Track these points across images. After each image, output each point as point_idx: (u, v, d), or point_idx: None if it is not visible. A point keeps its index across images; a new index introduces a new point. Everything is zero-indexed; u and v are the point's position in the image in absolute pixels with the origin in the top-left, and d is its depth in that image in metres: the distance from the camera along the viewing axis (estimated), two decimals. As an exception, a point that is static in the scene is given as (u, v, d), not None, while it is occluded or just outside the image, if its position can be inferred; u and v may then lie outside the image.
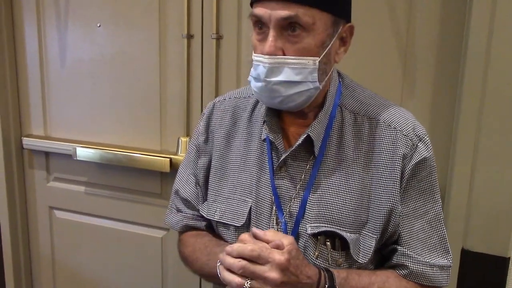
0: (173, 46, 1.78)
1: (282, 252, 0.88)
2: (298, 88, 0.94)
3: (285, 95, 0.95)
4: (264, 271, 0.86)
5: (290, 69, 0.93)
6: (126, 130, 1.93)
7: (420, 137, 1.02)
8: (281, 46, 0.92)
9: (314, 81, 0.95)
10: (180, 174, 1.22)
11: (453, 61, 1.44)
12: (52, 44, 1.98)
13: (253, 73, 0.97)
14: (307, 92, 0.95)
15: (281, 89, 0.94)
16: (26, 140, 2.07)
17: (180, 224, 1.20)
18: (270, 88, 0.94)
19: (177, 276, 1.96)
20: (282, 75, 0.93)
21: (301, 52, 0.92)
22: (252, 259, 0.87)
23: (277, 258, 0.87)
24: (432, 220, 1.03)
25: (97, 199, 2.03)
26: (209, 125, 1.17)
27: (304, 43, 0.92)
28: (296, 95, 0.95)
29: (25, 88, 2.06)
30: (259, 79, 0.95)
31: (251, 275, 0.87)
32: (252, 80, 0.98)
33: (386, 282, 1.01)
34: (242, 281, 0.87)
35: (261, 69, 0.93)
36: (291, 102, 0.96)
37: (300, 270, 0.90)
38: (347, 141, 1.03)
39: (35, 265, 2.24)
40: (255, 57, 0.96)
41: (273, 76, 0.93)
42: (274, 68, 0.92)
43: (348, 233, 0.99)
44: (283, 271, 0.87)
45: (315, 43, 0.93)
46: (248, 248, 0.88)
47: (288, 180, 1.03)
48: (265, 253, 0.87)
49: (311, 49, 0.93)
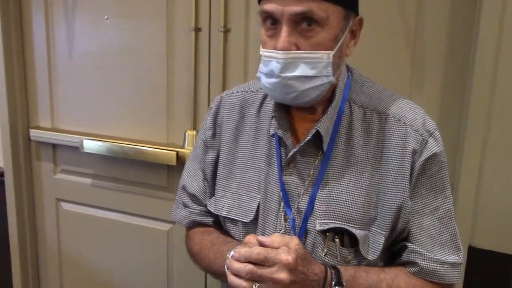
0: (181, 39, 1.77)
1: (288, 252, 0.87)
2: (313, 82, 0.93)
3: (300, 90, 0.93)
4: (272, 273, 0.86)
5: (305, 64, 0.91)
6: (133, 123, 1.93)
7: (431, 132, 1.00)
8: (294, 41, 0.91)
9: (328, 75, 0.94)
10: (187, 169, 1.21)
11: (463, 57, 1.43)
12: (60, 36, 1.98)
13: (263, 69, 0.95)
14: (321, 86, 0.94)
15: (296, 84, 0.93)
16: (33, 132, 2.07)
17: (187, 220, 1.19)
18: (284, 84, 0.93)
19: (182, 269, 1.97)
20: (297, 70, 0.91)
21: (315, 47, 0.91)
22: (259, 262, 0.87)
23: (284, 259, 0.86)
24: (442, 216, 1.02)
25: (103, 192, 2.04)
26: (217, 120, 1.16)
27: (319, 37, 0.91)
28: (310, 90, 0.94)
29: (32, 80, 2.07)
30: (272, 75, 0.93)
31: (259, 278, 0.87)
32: (262, 76, 0.97)
33: (395, 279, 0.99)
34: (250, 286, 0.87)
35: (274, 65, 0.92)
36: (306, 97, 0.95)
37: (307, 268, 0.90)
38: (356, 136, 1.01)
39: (41, 257, 2.25)
40: (266, 52, 0.94)
41: (288, 72, 0.92)
42: (289, 63, 0.91)
43: (357, 230, 0.98)
44: (291, 271, 0.86)
45: (329, 37, 0.92)
46: (255, 252, 0.87)
47: (296, 176, 1.03)
48: (271, 255, 0.87)
49: (325, 43, 0.92)
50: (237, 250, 0.90)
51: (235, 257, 0.89)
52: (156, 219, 1.97)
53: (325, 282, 0.92)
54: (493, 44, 1.32)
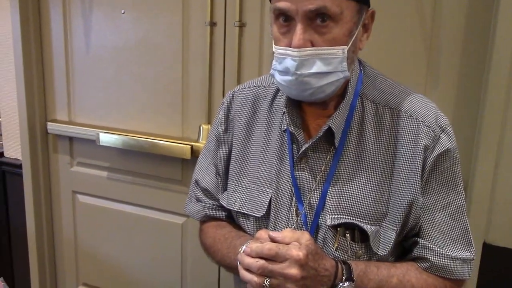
0: (196, 34, 1.78)
1: (299, 248, 0.87)
2: (328, 78, 0.93)
3: (316, 87, 0.93)
4: (283, 269, 0.86)
5: (320, 60, 0.91)
6: (148, 117, 1.94)
7: (443, 128, 0.99)
8: (309, 38, 0.90)
9: (344, 70, 0.93)
10: (200, 164, 1.22)
11: (479, 56, 1.41)
12: (77, 31, 2.00)
13: (278, 67, 0.95)
14: (337, 82, 0.94)
15: (312, 81, 0.92)
16: (50, 125, 2.10)
17: (200, 214, 1.20)
18: (301, 81, 0.92)
19: (196, 262, 1.98)
20: (312, 67, 0.91)
21: (330, 43, 0.91)
22: (270, 258, 0.87)
23: (295, 254, 0.86)
24: (454, 212, 1.01)
25: (119, 185, 2.06)
26: (229, 114, 1.16)
27: (334, 33, 0.90)
28: (326, 86, 0.94)
29: (50, 74, 2.09)
30: (287, 73, 0.93)
31: (270, 273, 0.87)
32: (276, 74, 0.96)
33: (405, 274, 0.99)
34: (261, 281, 0.87)
35: (289, 63, 0.91)
36: (321, 94, 0.95)
37: (318, 263, 0.90)
38: (368, 132, 1.01)
39: (58, 248, 2.28)
40: (280, 50, 0.93)
41: (304, 69, 0.91)
42: (304, 60, 0.91)
43: (368, 225, 0.98)
44: (302, 267, 0.86)
45: (344, 32, 0.91)
46: (266, 247, 0.87)
47: (308, 171, 1.03)
48: (282, 251, 0.87)
49: (340, 39, 0.91)
50: (249, 246, 0.90)
51: (246, 252, 0.90)
52: (171, 212, 1.98)
53: (336, 277, 0.92)
54: (510, 44, 1.31)
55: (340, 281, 0.92)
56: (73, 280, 2.29)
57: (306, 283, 0.88)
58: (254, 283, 0.87)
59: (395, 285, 0.98)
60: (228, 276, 1.25)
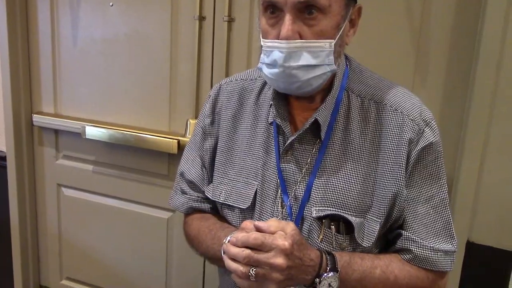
0: (185, 28, 1.77)
1: (285, 237, 0.88)
2: (316, 72, 0.93)
3: (303, 80, 0.93)
4: (269, 258, 0.86)
5: (308, 53, 0.91)
6: (135, 111, 1.93)
7: (427, 122, 1.01)
8: (297, 29, 0.91)
9: (330, 63, 0.94)
10: (186, 156, 1.22)
11: (467, 52, 1.42)
12: (65, 22, 1.98)
13: (265, 60, 0.95)
14: (324, 75, 0.95)
15: (299, 73, 0.93)
16: (36, 117, 2.08)
17: (185, 206, 1.20)
18: (288, 74, 0.93)
19: (181, 257, 1.98)
20: (301, 60, 0.91)
21: (318, 35, 0.91)
22: (256, 247, 0.87)
23: (281, 244, 0.87)
24: (437, 205, 1.03)
25: (104, 178, 2.05)
26: (215, 107, 1.17)
27: (322, 25, 0.91)
28: (313, 79, 0.94)
29: (36, 66, 2.07)
30: (275, 65, 0.93)
31: (256, 263, 0.87)
32: (264, 67, 0.96)
33: (389, 265, 1.00)
34: (247, 270, 0.87)
35: (277, 55, 0.92)
36: (308, 87, 0.95)
37: (303, 253, 0.90)
38: (354, 125, 1.02)
39: (41, 242, 2.27)
40: (268, 43, 0.94)
41: (292, 61, 0.91)
42: (292, 53, 0.91)
43: (353, 217, 0.99)
44: (287, 256, 0.87)
45: (331, 25, 0.92)
46: (252, 237, 0.87)
47: (294, 163, 1.03)
48: (268, 240, 0.87)
49: (328, 32, 0.92)
50: (234, 235, 0.90)
51: (232, 242, 0.90)
52: (156, 207, 1.98)
53: (321, 268, 0.93)
54: (496, 44, 1.32)
55: (325, 272, 0.93)
56: (57, 274, 2.27)
57: (291, 272, 0.88)
58: (240, 273, 0.87)
59: (379, 276, 0.99)
60: (213, 271, 1.25)
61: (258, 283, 0.88)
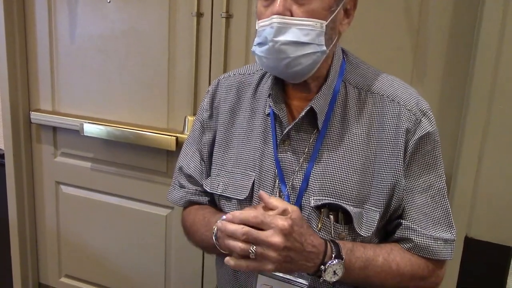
0: (183, 24, 1.77)
1: (285, 218, 0.88)
2: (305, 49, 0.94)
3: (292, 57, 0.94)
4: (267, 236, 0.86)
5: (298, 30, 0.93)
6: (134, 108, 1.93)
7: (424, 112, 1.02)
8: (289, 7, 0.92)
9: (321, 44, 0.95)
10: (185, 151, 1.23)
11: (465, 48, 1.42)
12: (62, 19, 1.97)
13: (257, 40, 0.97)
14: (313, 55, 0.95)
15: (288, 49, 0.94)
16: (34, 115, 2.08)
17: (184, 200, 1.20)
18: (277, 49, 0.94)
19: (180, 254, 1.98)
20: (289, 34, 0.93)
21: (309, 14, 0.93)
22: (255, 226, 0.87)
23: (280, 223, 0.86)
24: (435, 194, 1.03)
25: (103, 176, 2.04)
26: (214, 102, 1.18)
27: (312, 5, 0.92)
28: (303, 58, 0.95)
29: (34, 63, 2.07)
30: (265, 42, 0.95)
31: (254, 240, 0.86)
32: (256, 48, 0.98)
33: (390, 253, 1.01)
34: (247, 247, 0.86)
35: (268, 31, 0.93)
36: (298, 66, 0.96)
37: (305, 238, 0.90)
38: (351, 116, 1.03)
39: (40, 239, 2.27)
40: (260, 22, 0.96)
41: (281, 36, 0.93)
42: (282, 28, 0.92)
43: (352, 207, 1.00)
44: (285, 236, 0.86)
45: (323, 6, 0.93)
46: (251, 215, 0.87)
47: (291, 153, 1.04)
48: (267, 219, 0.87)
49: (319, 12, 0.93)
50: (231, 213, 0.89)
51: (228, 218, 0.89)
52: (155, 204, 1.98)
53: (325, 255, 0.93)
54: (494, 40, 1.32)
55: (330, 259, 0.93)
56: (56, 272, 2.27)
57: (289, 254, 0.88)
58: (239, 249, 0.86)
59: (381, 264, 0.99)
60: (212, 268, 1.25)
61: (255, 264, 0.88)
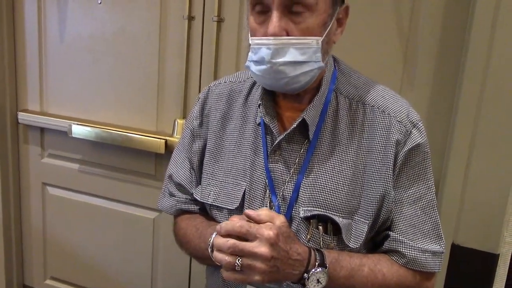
0: (174, 27, 1.77)
1: (271, 227, 0.88)
2: (303, 68, 0.94)
3: (290, 76, 0.94)
4: (253, 247, 0.86)
5: (295, 50, 0.92)
6: (123, 110, 1.92)
7: (414, 123, 1.02)
8: (284, 26, 0.92)
9: (318, 60, 0.95)
10: (175, 159, 1.22)
11: (455, 54, 1.43)
12: (52, 19, 1.96)
13: (253, 57, 0.96)
14: (311, 72, 0.95)
15: (286, 70, 0.93)
16: (21, 115, 2.06)
17: (174, 209, 1.20)
18: (275, 70, 0.93)
19: (167, 257, 1.97)
20: (288, 55, 0.92)
21: (304, 32, 0.92)
22: (241, 236, 0.87)
23: (266, 233, 0.87)
24: (425, 206, 1.03)
25: (90, 178, 2.03)
26: (204, 109, 1.17)
27: (308, 23, 0.92)
28: (301, 76, 0.95)
29: (22, 63, 2.05)
30: (262, 62, 0.94)
31: (241, 252, 0.87)
32: (252, 64, 0.97)
33: (377, 264, 1.01)
34: (233, 260, 0.87)
35: (265, 52, 0.93)
36: (296, 83, 0.96)
37: (290, 246, 0.90)
38: (342, 126, 1.03)
39: (26, 240, 2.24)
40: (256, 40, 0.95)
41: (279, 57, 0.92)
42: (279, 49, 0.92)
43: (341, 218, 1.00)
44: (272, 246, 0.87)
45: (318, 23, 0.93)
46: (237, 225, 0.88)
47: (282, 163, 1.03)
48: (253, 229, 0.87)
49: (314, 29, 0.93)
50: (219, 224, 0.90)
51: (217, 230, 0.90)
52: (143, 207, 1.97)
53: (309, 263, 0.93)
54: (484, 46, 1.33)
55: (313, 267, 0.93)
56: (41, 274, 2.25)
57: (276, 264, 0.88)
58: (226, 263, 0.87)
59: (367, 274, 0.99)
60: (199, 272, 1.25)
61: (244, 275, 0.88)
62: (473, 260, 1.44)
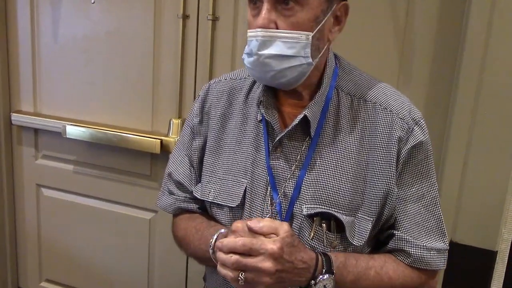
0: (168, 26, 1.75)
1: (274, 241, 0.87)
2: (290, 62, 0.94)
3: (276, 70, 0.94)
4: (257, 263, 0.86)
5: (283, 43, 0.92)
6: (118, 110, 1.90)
7: (416, 121, 1.02)
8: (274, 19, 0.92)
9: (306, 56, 0.94)
10: (174, 157, 1.21)
11: (451, 50, 1.43)
12: (45, 19, 1.94)
13: (246, 50, 0.97)
14: (299, 67, 0.95)
15: (272, 63, 0.93)
16: (15, 116, 2.04)
17: (173, 207, 1.19)
18: (262, 62, 0.94)
19: (163, 258, 1.96)
20: (273, 48, 0.92)
21: (294, 26, 0.92)
22: (244, 253, 0.87)
23: (270, 248, 0.86)
24: (428, 203, 1.04)
25: (85, 179, 2.01)
26: (204, 107, 1.16)
27: (298, 17, 0.92)
28: (287, 70, 0.94)
29: (15, 63, 2.03)
30: (251, 54, 0.95)
31: (245, 268, 0.86)
32: (245, 57, 0.98)
33: (383, 266, 1.01)
34: (236, 275, 0.87)
35: (253, 44, 0.93)
36: (283, 78, 0.96)
37: (295, 256, 0.89)
38: (343, 123, 1.02)
39: (20, 242, 2.22)
40: (249, 33, 0.95)
41: (265, 49, 0.92)
42: (266, 41, 0.92)
43: (344, 215, 0.99)
44: (276, 260, 0.86)
45: (309, 17, 0.92)
46: (239, 243, 0.87)
47: (283, 160, 1.03)
48: (256, 245, 0.86)
49: (304, 24, 0.93)
50: (221, 240, 0.90)
51: (218, 246, 0.90)
52: (139, 207, 1.95)
53: (316, 270, 0.92)
54: (481, 42, 1.33)
55: (320, 274, 0.93)
56: (36, 276, 2.23)
57: (281, 275, 0.88)
58: (230, 278, 0.87)
59: (373, 277, 0.99)
60: (196, 272, 1.24)
61: (248, 287, 0.88)
62: (471, 258, 1.44)
